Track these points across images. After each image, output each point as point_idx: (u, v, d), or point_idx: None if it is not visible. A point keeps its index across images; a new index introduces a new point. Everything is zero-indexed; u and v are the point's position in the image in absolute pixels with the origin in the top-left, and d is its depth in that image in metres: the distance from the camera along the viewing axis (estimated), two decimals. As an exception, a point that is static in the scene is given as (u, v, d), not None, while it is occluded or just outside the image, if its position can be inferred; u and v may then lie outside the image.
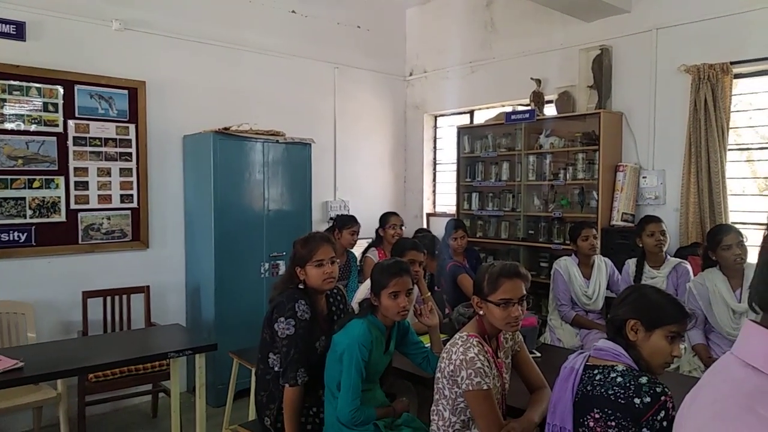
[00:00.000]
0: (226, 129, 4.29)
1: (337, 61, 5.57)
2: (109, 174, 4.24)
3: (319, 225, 5.23)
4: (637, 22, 4.42)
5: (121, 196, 4.30)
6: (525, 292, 2.02)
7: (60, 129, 4.02)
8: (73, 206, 4.08)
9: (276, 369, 2.50)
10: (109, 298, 4.10)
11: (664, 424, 1.55)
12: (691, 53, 4.11)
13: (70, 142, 4.06)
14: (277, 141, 4.53)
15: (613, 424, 1.58)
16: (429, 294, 3.34)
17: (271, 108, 5.04)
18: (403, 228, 4.36)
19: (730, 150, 4.06)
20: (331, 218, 5.37)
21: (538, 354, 2.89)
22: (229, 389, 3.69)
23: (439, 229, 5.42)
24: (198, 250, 4.44)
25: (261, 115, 4.80)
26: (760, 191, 4.12)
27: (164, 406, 4.11)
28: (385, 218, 4.34)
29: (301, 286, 2.51)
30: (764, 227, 0.69)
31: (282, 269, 4.34)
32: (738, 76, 4.03)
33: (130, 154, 4.33)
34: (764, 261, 0.70)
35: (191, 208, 4.53)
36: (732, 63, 3.92)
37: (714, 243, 3.19)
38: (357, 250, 4.48)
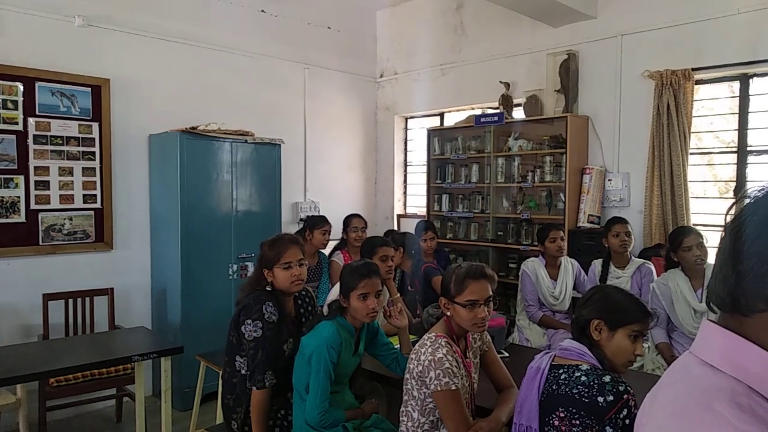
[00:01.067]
0: (193, 128, 4.22)
1: (308, 61, 5.54)
2: (71, 173, 4.13)
3: (289, 226, 5.20)
4: (602, 28, 4.52)
5: (84, 196, 4.19)
6: (491, 293, 2.03)
7: (20, 127, 3.90)
8: (33, 206, 3.97)
9: (243, 372, 2.48)
10: (71, 301, 3.99)
11: (627, 422, 1.58)
12: (654, 59, 4.21)
13: (30, 141, 3.94)
14: (246, 141, 4.48)
15: (578, 422, 1.61)
16: (398, 295, 3.35)
17: (240, 108, 4.98)
18: (365, 230, 4.33)
19: (691, 154, 4.18)
20: (301, 219, 5.34)
21: (507, 354, 2.92)
22: (196, 393, 3.64)
23: (409, 230, 5.44)
24: (164, 251, 4.36)
25: (229, 115, 4.74)
26: (721, 194, 4.25)
27: (129, 411, 4.02)
28: (347, 221, 4.32)
29: (268, 288, 2.49)
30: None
31: (251, 270, 4.29)
32: (699, 82, 4.15)
33: (93, 153, 4.22)
34: (721, 261, 0.72)
35: (157, 208, 4.45)
36: (693, 69, 4.04)
37: (675, 244, 3.27)
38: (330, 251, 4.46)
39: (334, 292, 3.05)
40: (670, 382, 0.72)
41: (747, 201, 0.70)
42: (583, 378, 1.64)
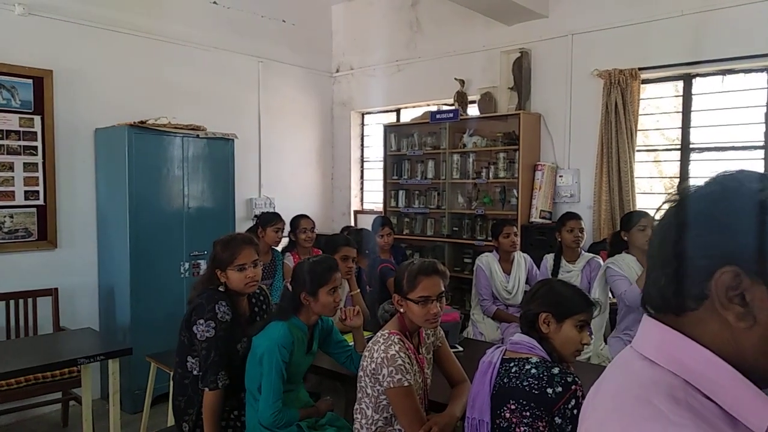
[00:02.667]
0: (142, 122, 4.10)
1: (262, 55, 5.45)
2: (11, 169, 3.94)
3: (243, 222, 5.11)
4: (554, 27, 4.61)
5: (26, 192, 4.01)
6: (443, 288, 2.05)
7: (-46, 119, 3.70)
8: (-31, 203, 3.77)
9: (195, 373, 2.42)
10: (12, 302, 3.82)
11: (575, 412, 1.63)
12: (603, 59, 4.33)
13: (-35, 134, 3.74)
14: (198, 136, 4.37)
15: (528, 414, 1.64)
16: (358, 290, 3.35)
17: (192, 102, 4.85)
18: (314, 231, 4.29)
19: (638, 151, 4.32)
20: (255, 216, 5.26)
21: (461, 348, 2.95)
22: (146, 394, 3.55)
23: (366, 226, 5.44)
24: (112, 249, 4.22)
25: (180, 109, 4.62)
26: (666, 190, 4.41)
27: (76, 415, 3.88)
28: (295, 222, 4.24)
29: (221, 288, 2.44)
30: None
31: (203, 268, 4.20)
32: (645, 81, 4.29)
33: (35, 147, 4.04)
34: (651, 265, 0.74)
35: (104, 205, 4.30)
36: (640, 69, 4.17)
37: (630, 223, 3.27)
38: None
39: None
40: (612, 377, 0.74)
41: (669, 204, 0.74)
42: (533, 370, 1.68)
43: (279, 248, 4.29)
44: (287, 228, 4.31)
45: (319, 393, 2.67)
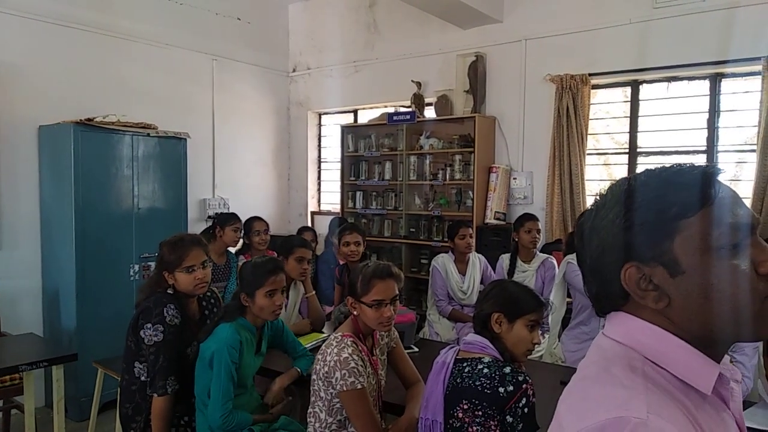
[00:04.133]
0: (89, 120, 3.96)
1: (216, 53, 5.34)
2: (-54, 167, 3.74)
3: (196, 223, 5.00)
4: (508, 32, 4.70)
5: (-37, 192, 3.82)
6: (397, 291, 2.05)
7: None
8: None
9: (143, 378, 2.35)
10: (-54, 308, 3.62)
11: (525, 410, 1.65)
12: (555, 64, 4.43)
13: None
14: (149, 134, 4.25)
15: (480, 413, 1.66)
16: (313, 293, 3.32)
17: (143, 99, 4.71)
18: (268, 233, 4.23)
19: (589, 154, 4.44)
20: (209, 216, 5.16)
21: (416, 349, 2.96)
22: (93, 402, 3.44)
23: (323, 227, 5.42)
24: (57, 251, 4.06)
25: (131, 107, 4.48)
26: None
27: (18, 424, 3.71)
28: (249, 224, 4.16)
29: (170, 291, 2.37)
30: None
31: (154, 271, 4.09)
32: (596, 86, 4.42)
33: (-27, 144, 3.85)
34: (583, 276, 0.84)
35: (48, 205, 4.13)
36: (590, 75, 4.29)
37: None
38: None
39: None
40: (587, 356, 0.83)
41: (585, 212, 0.86)
42: (485, 370, 1.70)
43: (233, 250, 4.21)
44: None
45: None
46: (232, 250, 4.18)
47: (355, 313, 2.06)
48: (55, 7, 4.22)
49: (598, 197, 0.84)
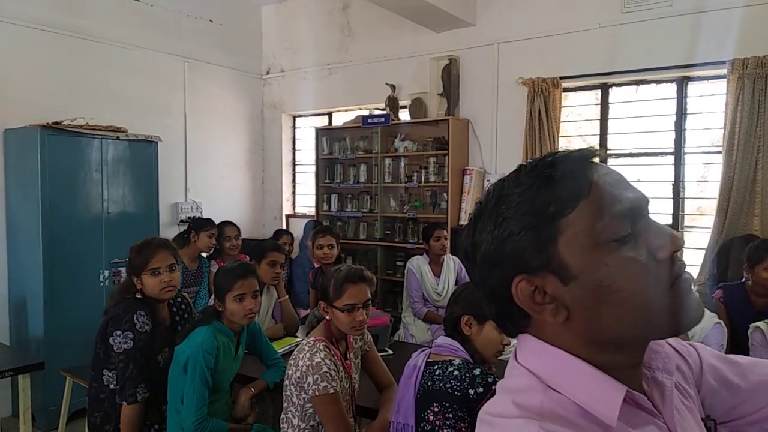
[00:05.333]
0: (56, 123, 3.88)
1: (188, 55, 5.28)
2: None
3: (168, 227, 4.93)
4: (481, 36, 4.73)
5: (-77, 197, 3.70)
6: (370, 295, 2.05)
7: None
8: None
9: (112, 386, 2.31)
10: None
11: (496, 412, 1.66)
12: (527, 67, 4.48)
13: None
14: (118, 138, 4.18)
15: (451, 415, 1.67)
16: (286, 297, 3.30)
17: (112, 102, 4.63)
18: (239, 238, 4.18)
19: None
20: (182, 220, 5.10)
21: (390, 352, 2.97)
22: (61, 411, 3.36)
23: (298, 230, 5.39)
24: (23, 257, 3.96)
25: (100, 110, 4.39)
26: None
27: (-19, 437, 3.61)
28: (220, 229, 4.11)
29: (139, 296, 2.34)
30: None
31: (124, 277, 4.01)
32: (567, 89, 4.48)
33: (-66, 148, 3.74)
34: (482, 291, 0.75)
35: (14, 210, 4.03)
36: (561, 78, 4.34)
37: None
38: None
39: None
40: (502, 380, 0.77)
41: (465, 227, 0.78)
42: (456, 372, 1.71)
43: (205, 255, 4.16)
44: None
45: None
46: (205, 255, 4.13)
47: (327, 317, 2.05)
48: (22, 8, 4.13)
49: (476, 207, 0.74)
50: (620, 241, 0.64)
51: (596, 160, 0.70)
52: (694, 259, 4.09)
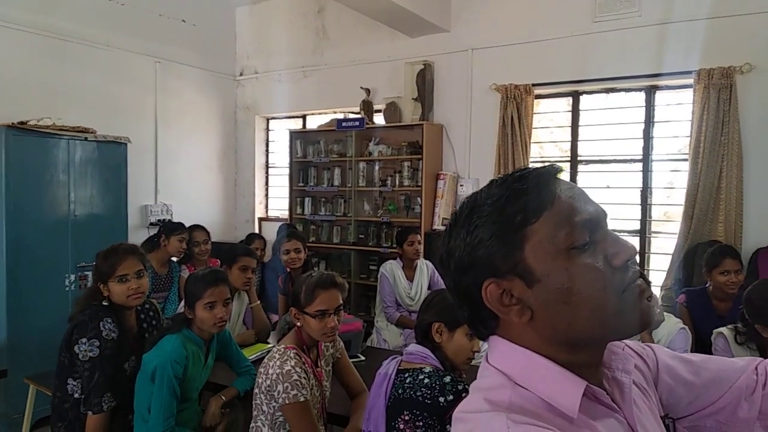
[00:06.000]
0: (22, 123, 3.77)
1: (159, 55, 5.20)
2: None
3: (138, 230, 4.84)
4: (455, 42, 4.77)
5: None
6: (341, 301, 2.04)
7: None
8: None
9: (76, 395, 2.26)
10: None
11: (466, 419, 1.66)
12: (500, 73, 4.53)
13: None
14: (86, 139, 4.09)
15: (421, 423, 1.67)
16: (258, 302, 3.26)
17: (81, 103, 4.53)
18: (209, 243, 4.12)
19: (533, 162, 4.55)
20: (151, 223, 5.01)
21: (363, 358, 2.95)
22: (24, 420, 3.26)
23: (272, 234, 5.35)
24: (-15, 261, 3.84)
25: (68, 110, 4.29)
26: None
27: (-61, 447, 3.49)
28: (189, 234, 4.07)
29: (105, 303, 2.28)
30: None
31: (91, 282, 3.93)
32: (539, 96, 4.54)
33: None
34: (455, 295, 0.81)
35: (-24, 213, 3.91)
36: (533, 85, 4.40)
37: None
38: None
39: None
40: (475, 382, 0.81)
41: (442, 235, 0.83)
42: (426, 380, 1.71)
43: (176, 260, 4.09)
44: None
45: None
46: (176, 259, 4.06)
47: (298, 324, 2.04)
48: (-15, 3, 4.02)
49: (451, 216, 0.81)
50: (580, 249, 0.70)
51: (560, 176, 0.77)
52: (660, 264, 4.19)
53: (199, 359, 2.25)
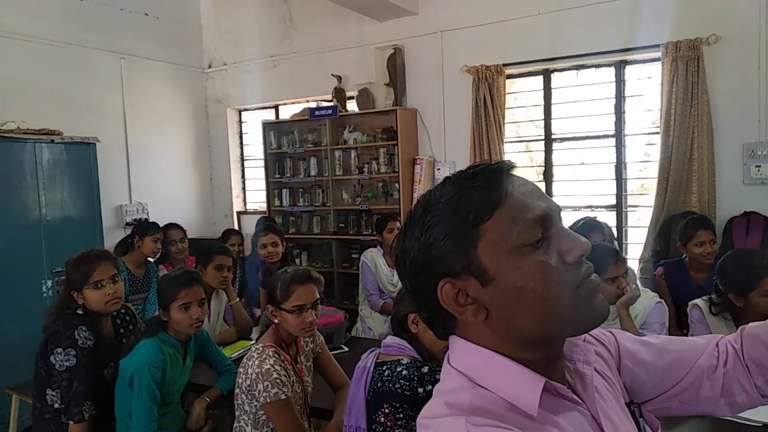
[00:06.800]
0: (-16, 129, 3.68)
1: (124, 51, 5.07)
2: None
3: (114, 231, 4.76)
4: (424, 24, 4.72)
5: None
6: (318, 295, 2.04)
7: None
8: None
9: (56, 406, 2.23)
10: None
11: (447, 408, 1.67)
12: (471, 55, 4.50)
13: None
14: (53, 141, 4.01)
15: (401, 415, 1.67)
16: (237, 300, 3.24)
17: (45, 104, 4.42)
18: (185, 241, 4.07)
19: (512, 142, 4.56)
20: (127, 223, 4.94)
21: (346, 349, 2.96)
22: (10, 430, 3.21)
23: (251, 227, 5.29)
24: (-44, 271, 3.76)
25: (31, 112, 4.19)
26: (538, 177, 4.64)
27: None
28: (164, 233, 3.99)
29: (80, 311, 2.25)
30: None
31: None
32: (511, 76, 4.52)
33: None
34: (413, 295, 0.79)
35: (-56, 223, 3.82)
36: (504, 65, 4.38)
37: None
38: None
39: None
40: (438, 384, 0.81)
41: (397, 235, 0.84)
42: (404, 372, 1.71)
43: (152, 260, 4.04)
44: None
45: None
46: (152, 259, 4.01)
47: (276, 321, 2.03)
48: (-64, 6, 3.88)
49: (405, 216, 0.80)
50: (533, 246, 0.70)
51: (514, 171, 0.75)
52: (637, 237, 4.24)
53: (177, 362, 2.23)
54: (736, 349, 0.88)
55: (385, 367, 1.76)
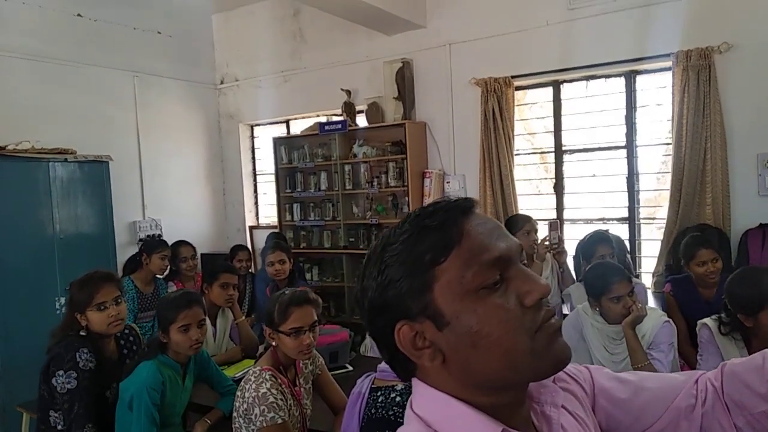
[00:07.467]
0: (1, 148, 3.76)
1: (137, 69, 5.15)
2: None
3: (127, 247, 4.81)
4: (432, 37, 4.72)
5: None
6: (316, 317, 2.02)
7: None
8: None
9: (59, 428, 2.25)
10: None
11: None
12: (479, 67, 4.48)
13: None
14: (66, 160, 4.08)
15: (395, 443, 1.64)
16: (243, 318, 3.24)
17: (59, 123, 4.50)
18: (195, 258, 4.10)
19: (526, 154, 4.54)
20: (140, 239, 4.99)
21: (351, 368, 2.93)
22: (20, 447, 3.25)
23: (263, 242, 5.31)
24: (-28, 290, 3.83)
25: (46, 132, 4.28)
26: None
27: (-63, 479, 3.49)
28: (175, 250, 4.02)
29: (83, 333, 2.27)
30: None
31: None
32: (520, 88, 4.49)
33: None
34: (373, 336, 0.76)
35: (-40, 241, 3.90)
36: (513, 77, 4.35)
37: (515, 228, 3.40)
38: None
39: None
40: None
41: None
42: (398, 398, 1.68)
43: (161, 277, 4.07)
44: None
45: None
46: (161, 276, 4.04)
47: (273, 344, 2.02)
48: (-46, 31, 3.99)
49: (367, 253, 0.77)
50: (489, 289, 0.67)
51: (475, 209, 0.72)
52: (652, 250, 4.15)
53: (176, 383, 2.23)
54: (716, 387, 0.83)
55: (379, 393, 1.74)
